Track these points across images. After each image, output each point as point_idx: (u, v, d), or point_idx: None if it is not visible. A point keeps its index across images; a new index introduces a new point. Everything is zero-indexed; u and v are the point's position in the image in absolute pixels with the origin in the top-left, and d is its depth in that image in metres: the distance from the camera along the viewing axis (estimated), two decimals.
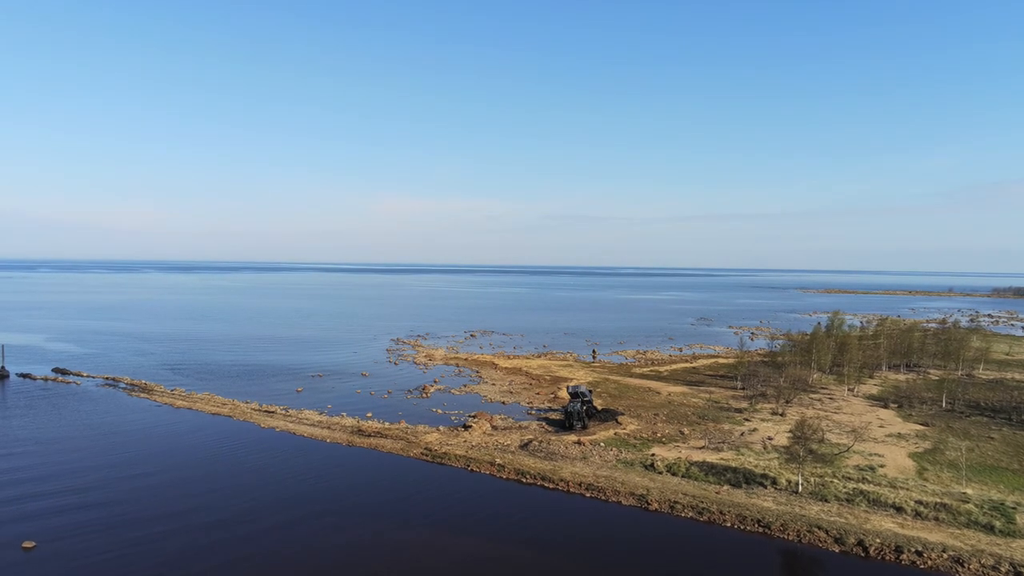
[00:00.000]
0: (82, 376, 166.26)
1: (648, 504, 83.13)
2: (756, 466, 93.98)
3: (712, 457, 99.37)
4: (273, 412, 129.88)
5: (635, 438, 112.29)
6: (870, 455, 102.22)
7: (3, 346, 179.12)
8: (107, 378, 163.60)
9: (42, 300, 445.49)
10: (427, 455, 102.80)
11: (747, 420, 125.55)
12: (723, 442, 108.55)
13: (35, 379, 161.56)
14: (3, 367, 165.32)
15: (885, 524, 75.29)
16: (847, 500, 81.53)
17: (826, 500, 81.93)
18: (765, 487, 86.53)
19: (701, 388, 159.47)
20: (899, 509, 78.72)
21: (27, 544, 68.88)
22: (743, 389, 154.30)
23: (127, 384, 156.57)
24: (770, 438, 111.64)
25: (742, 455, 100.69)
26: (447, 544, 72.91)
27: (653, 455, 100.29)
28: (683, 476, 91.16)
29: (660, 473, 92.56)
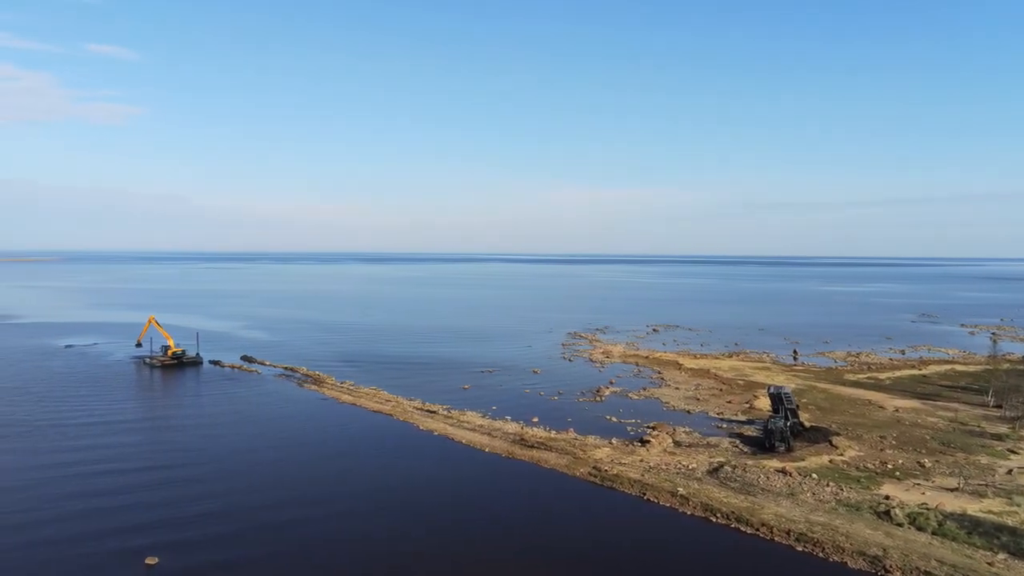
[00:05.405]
0: (264, 365, 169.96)
1: (886, 571, 61.88)
2: None
3: (972, 506, 74.82)
4: (434, 412, 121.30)
5: (857, 468, 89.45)
6: None
7: (198, 333, 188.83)
8: (285, 368, 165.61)
9: (253, 288, 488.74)
10: (595, 476, 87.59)
11: (1012, 452, 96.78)
12: (985, 484, 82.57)
13: (223, 367, 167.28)
14: (197, 354, 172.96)
15: None
16: None
17: None
18: None
19: (937, 403, 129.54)
20: None
21: (150, 560, 62.94)
22: (998, 407, 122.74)
23: (302, 375, 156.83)
24: None
25: (1017, 506, 74.98)
26: None
27: (887, 498, 77.58)
28: (933, 533, 68.22)
29: (899, 525, 70.25)
